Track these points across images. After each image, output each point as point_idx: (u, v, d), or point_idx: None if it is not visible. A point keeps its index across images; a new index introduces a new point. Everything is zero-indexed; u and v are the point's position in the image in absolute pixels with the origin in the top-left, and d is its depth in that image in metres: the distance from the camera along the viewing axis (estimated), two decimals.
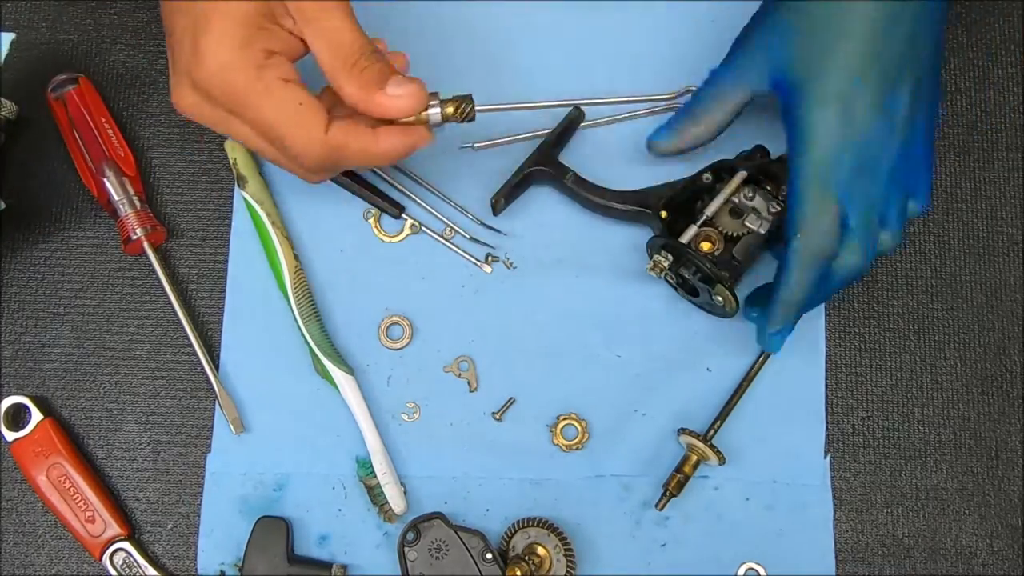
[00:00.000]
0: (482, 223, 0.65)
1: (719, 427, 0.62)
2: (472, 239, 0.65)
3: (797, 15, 0.56)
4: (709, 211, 0.60)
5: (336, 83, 0.53)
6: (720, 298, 0.59)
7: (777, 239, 0.59)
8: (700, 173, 0.62)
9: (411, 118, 0.54)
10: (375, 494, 0.61)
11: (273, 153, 0.55)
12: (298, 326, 0.62)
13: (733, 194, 0.60)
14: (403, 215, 0.65)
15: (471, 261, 0.65)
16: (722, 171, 0.62)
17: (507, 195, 0.63)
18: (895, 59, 0.54)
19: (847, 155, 0.54)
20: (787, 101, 0.56)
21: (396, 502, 0.61)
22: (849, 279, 0.57)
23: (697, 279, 0.60)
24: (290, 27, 0.53)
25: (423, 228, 0.65)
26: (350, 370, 0.62)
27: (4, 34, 0.68)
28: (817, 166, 0.54)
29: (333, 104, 0.55)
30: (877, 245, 0.56)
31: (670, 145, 0.62)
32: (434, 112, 0.55)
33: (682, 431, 0.61)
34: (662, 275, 0.61)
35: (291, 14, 0.52)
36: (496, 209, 0.64)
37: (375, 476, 0.61)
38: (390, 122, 0.54)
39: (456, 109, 0.55)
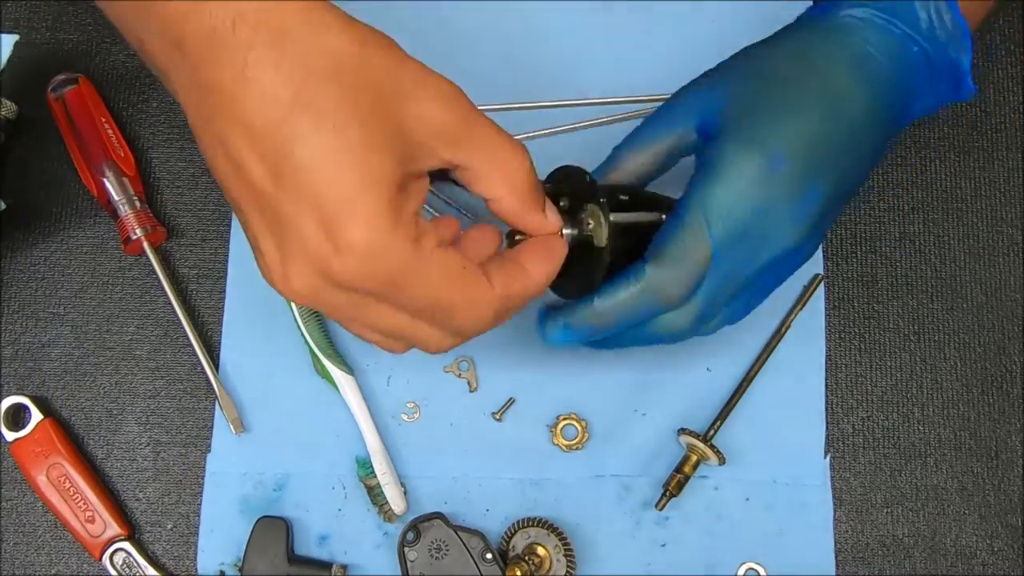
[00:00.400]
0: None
1: (719, 427, 0.62)
2: None
3: (751, 71, 0.51)
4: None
5: (505, 212, 0.47)
6: (590, 221, 0.50)
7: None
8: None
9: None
10: (375, 494, 0.61)
11: (421, 333, 0.46)
12: (298, 326, 0.62)
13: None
14: None
15: None
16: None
17: None
18: (833, 148, 0.49)
19: (743, 210, 0.48)
20: (709, 137, 0.51)
21: (396, 502, 0.61)
22: (659, 338, 0.52)
23: (571, 207, 0.51)
24: (429, 165, 0.44)
25: None
26: (350, 370, 0.62)
27: (7, 36, 0.67)
28: (711, 203, 0.48)
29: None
30: (706, 324, 0.51)
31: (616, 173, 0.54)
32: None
33: (682, 431, 0.61)
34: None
35: (433, 148, 0.44)
36: None
37: (375, 476, 0.61)
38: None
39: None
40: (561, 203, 0.51)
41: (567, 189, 0.51)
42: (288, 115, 0.40)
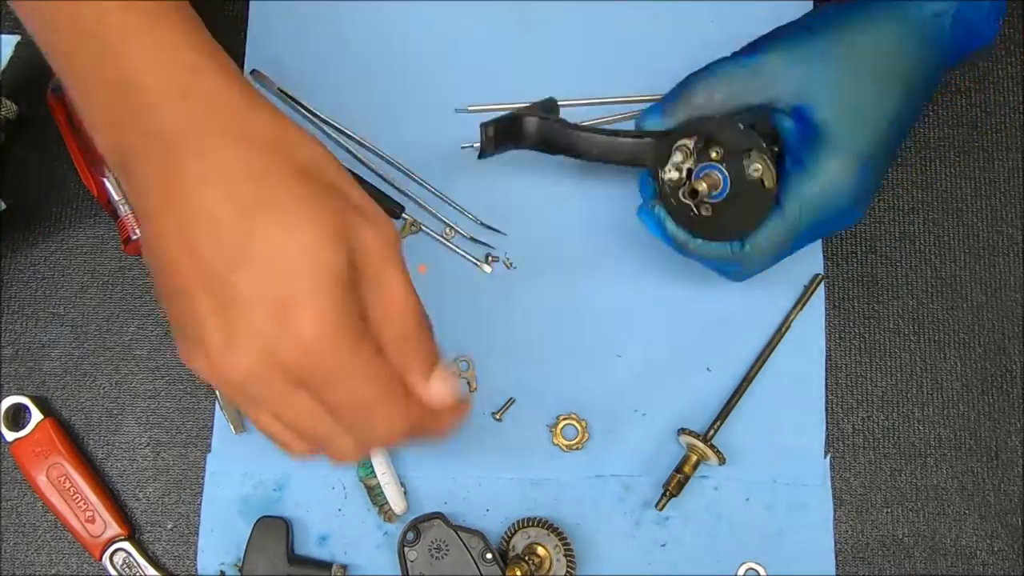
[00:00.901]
0: (482, 223, 0.65)
1: (719, 427, 0.62)
2: (472, 239, 0.65)
3: (850, 63, 0.56)
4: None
5: (386, 348, 0.47)
6: (758, 165, 0.54)
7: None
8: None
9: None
10: (375, 494, 0.61)
11: (336, 436, 0.47)
12: None
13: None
14: (403, 215, 0.65)
15: (471, 261, 0.65)
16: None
17: (498, 131, 0.59)
18: (902, 138, 0.58)
19: (827, 201, 0.55)
20: (805, 125, 0.56)
21: (396, 502, 0.61)
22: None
23: (726, 155, 0.55)
24: (355, 280, 0.46)
25: (422, 228, 0.65)
26: None
27: (8, 36, 0.67)
28: (806, 201, 0.55)
29: None
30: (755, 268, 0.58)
31: (660, 124, 0.58)
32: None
33: (682, 431, 0.61)
34: (680, 176, 0.56)
35: (359, 267, 0.45)
36: (484, 146, 0.59)
37: (375, 476, 0.61)
38: None
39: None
40: (713, 153, 0.55)
41: (717, 139, 0.55)
42: (249, 208, 0.43)
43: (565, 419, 0.63)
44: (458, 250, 0.65)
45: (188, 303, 0.44)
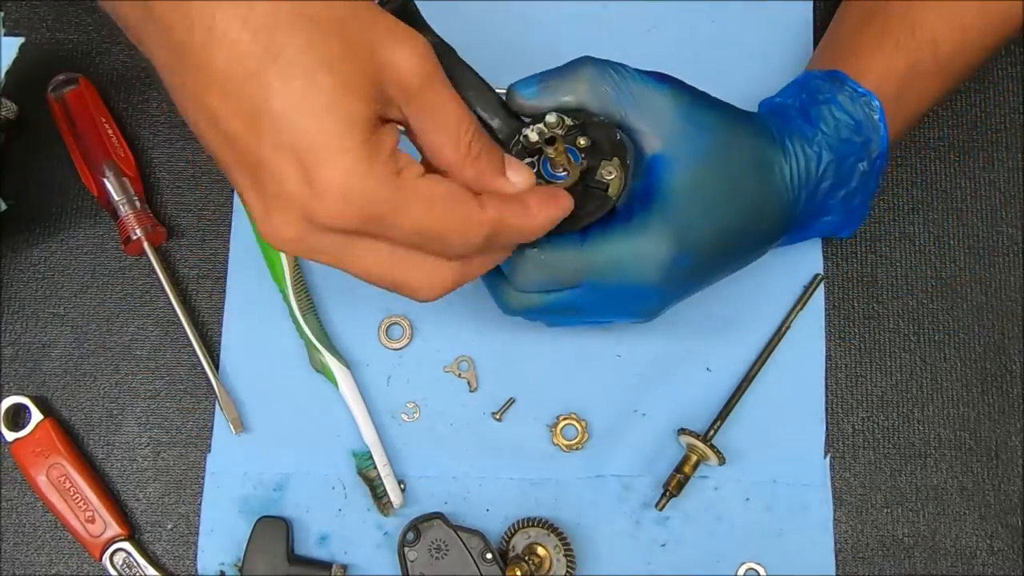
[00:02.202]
0: None
1: (719, 427, 0.62)
2: None
3: (703, 148, 0.53)
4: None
5: (451, 169, 0.46)
6: (612, 171, 0.52)
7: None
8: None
9: None
10: (375, 486, 0.61)
11: (411, 269, 0.46)
12: (295, 320, 0.62)
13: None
14: None
15: None
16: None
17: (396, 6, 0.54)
18: (730, 251, 0.56)
19: (624, 267, 0.52)
20: (649, 169, 0.53)
21: (394, 494, 0.61)
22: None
23: (589, 150, 0.52)
24: (393, 115, 0.45)
25: None
26: (346, 362, 0.62)
27: (12, 39, 0.67)
28: (608, 253, 0.52)
29: None
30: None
31: (534, 102, 0.54)
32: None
33: (682, 431, 0.61)
34: (541, 142, 0.51)
35: (396, 98, 0.44)
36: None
37: (374, 468, 0.61)
38: None
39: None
40: (581, 141, 0.52)
41: (593, 132, 0.53)
42: (259, 68, 0.41)
43: (565, 419, 0.63)
44: None
45: (231, 178, 0.44)
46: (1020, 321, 0.65)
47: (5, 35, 0.68)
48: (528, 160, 0.52)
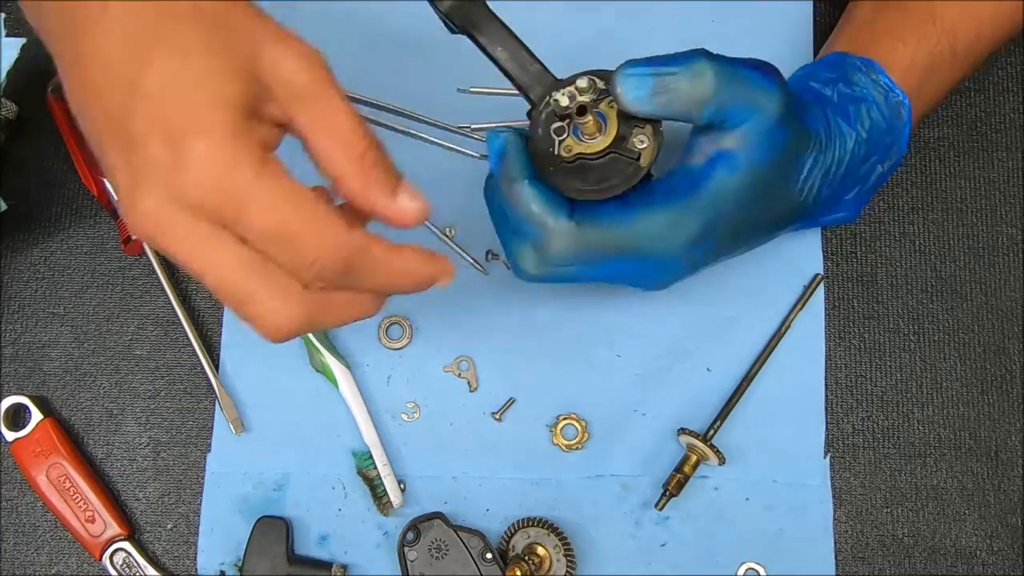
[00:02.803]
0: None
1: (719, 427, 0.62)
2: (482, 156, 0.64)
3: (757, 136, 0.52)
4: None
5: (338, 178, 0.45)
6: (644, 139, 0.50)
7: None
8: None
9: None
10: (374, 485, 0.61)
11: (262, 282, 0.43)
12: None
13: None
14: None
15: (470, 261, 0.65)
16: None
17: None
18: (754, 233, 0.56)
19: (652, 242, 0.52)
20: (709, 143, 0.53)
21: (394, 493, 0.61)
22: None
23: (620, 115, 0.51)
24: (275, 114, 0.44)
25: (423, 226, 0.65)
26: (346, 363, 0.62)
27: (13, 39, 0.67)
28: (642, 226, 0.52)
29: None
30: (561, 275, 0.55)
31: (644, 108, 0.51)
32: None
33: (682, 431, 0.61)
34: (569, 105, 0.51)
35: (280, 98, 0.44)
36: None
37: (374, 467, 0.61)
38: None
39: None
40: (611, 103, 0.50)
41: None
42: (142, 46, 0.42)
43: (565, 419, 0.63)
44: (458, 249, 0.65)
45: (104, 156, 0.44)
46: (1020, 321, 0.65)
47: (6, 36, 0.68)
48: (558, 124, 0.51)
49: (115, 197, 0.45)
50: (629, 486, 0.62)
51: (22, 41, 0.67)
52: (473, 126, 0.66)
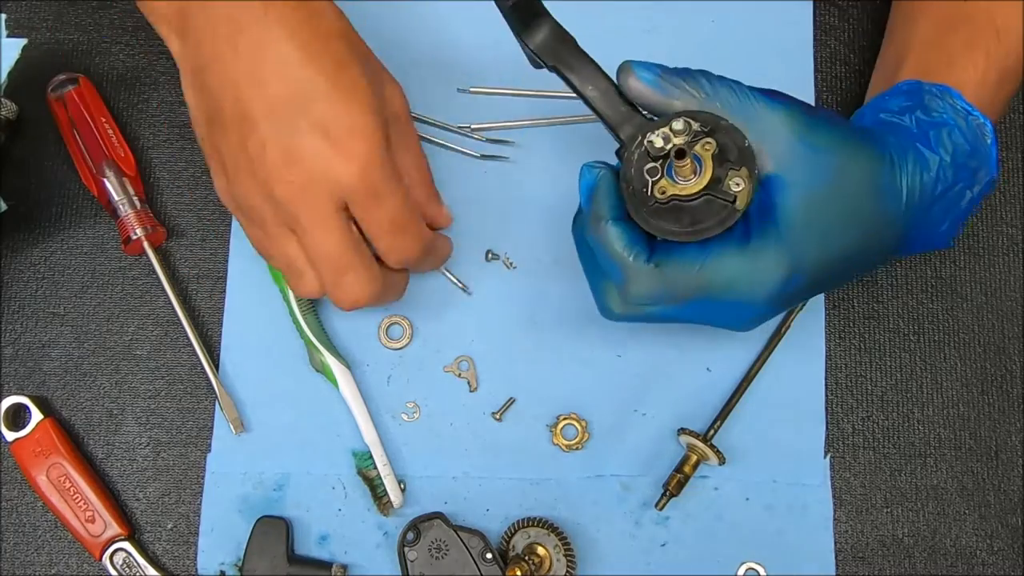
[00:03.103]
0: (487, 139, 0.66)
1: (719, 427, 0.62)
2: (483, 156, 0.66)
3: (823, 172, 0.51)
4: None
5: (411, 187, 0.59)
6: (740, 181, 0.49)
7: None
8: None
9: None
10: (375, 485, 0.61)
11: (360, 257, 0.55)
12: (295, 319, 0.62)
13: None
14: None
15: (470, 261, 0.65)
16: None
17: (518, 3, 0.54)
18: (844, 272, 0.54)
19: (739, 288, 0.51)
20: (764, 200, 0.51)
21: (394, 493, 0.61)
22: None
23: (716, 156, 0.50)
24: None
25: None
26: (346, 363, 0.62)
27: (15, 40, 0.67)
28: (727, 275, 0.51)
29: None
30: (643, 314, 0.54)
31: (654, 91, 0.52)
32: None
33: (682, 431, 0.61)
34: (664, 146, 0.50)
35: (396, 136, 0.57)
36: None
37: (374, 467, 0.61)
38: None
39: None
40: (708, 146, 0.50)
41: (720, 137, 0.50)
42: (314, 55, 0.52)
43: (565, 419, 0.63)
44: (457, 249, 0.65)
45: (249, 130, 0.53)
46: (1020, 321, 0.65)
47: (7, 36, 0.68)
48: (651, 165, 0.51)
49: (238, 163, 0.54)
50: (629, 486, 0.62)
51: (23, 42, 0.67)
52: (473, 126, 0.66)
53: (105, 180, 0.64)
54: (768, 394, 0.63)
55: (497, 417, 0.63)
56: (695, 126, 0.50)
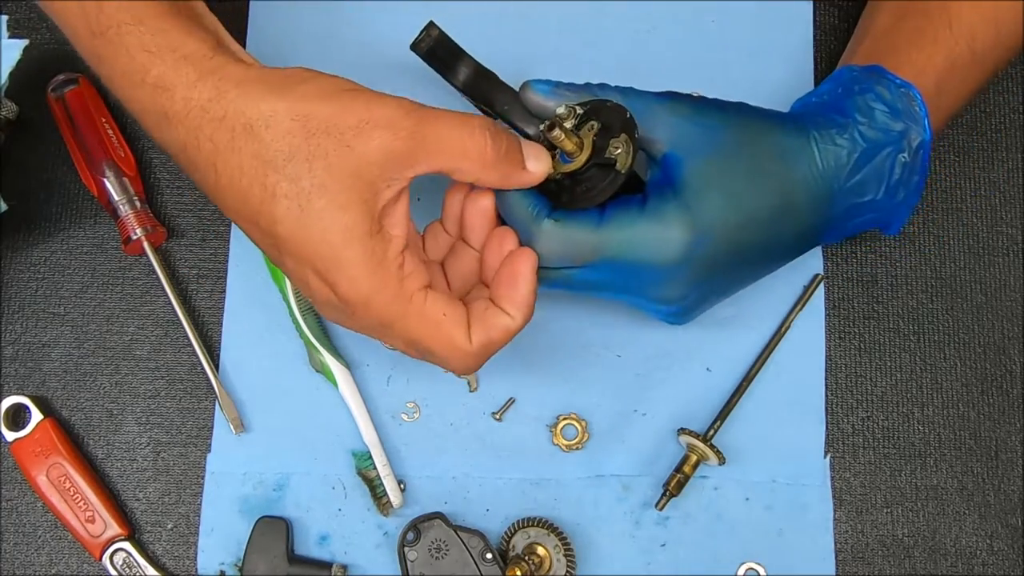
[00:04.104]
0: None
1: (719, 427, 0.62)
2: None
3: (732, 150, 0.55)
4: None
5: (481, 181, 0.52)
6: (618, 147, 0.53)
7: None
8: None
9: None
10: (374, 486, 0.61)
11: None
12: (294, 320, 0.62)
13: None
14: None
15: None
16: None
17: (439, 40, 0.60)
18: (754, 248, 0.55)
19: (640, 251, 0.53)
20: (669, 170, 0.55)
21: (394, 494, 0.61)
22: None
23: (598, 132, 0.54)
24: (398, 187, 0.49)
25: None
26: (346, 363, 0.62)
27: (16, 40, 0.67)
28: (628, 236, 0.53)
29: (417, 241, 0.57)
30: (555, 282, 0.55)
31: (544, 99, 0.56)
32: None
33: (682, 431, 0.61)
34: (561, 134, 0.54)
35: (404, 168, 0.49)
36: (421, 41, 0.60)
37: (374, 468, 0.61)
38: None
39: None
40: (594, 125, 0.54)
41: (604, 116, 0.55)
42: (260, 204, 0.48)
43: (565, 419, 0.63)
44: None
45: (283, 267, 0.52)
46: (1020, 321, 0.65)
47: (8, 37, 0.68)
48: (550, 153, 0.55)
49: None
50: (629, 486, 0.62)
51: (24, 42, 0.67)
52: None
53: (105, 180, 0.64)
54: (768, 394, 0.63)
55: (497, 417, 0.63)
56: (578, 110, 0.55)
